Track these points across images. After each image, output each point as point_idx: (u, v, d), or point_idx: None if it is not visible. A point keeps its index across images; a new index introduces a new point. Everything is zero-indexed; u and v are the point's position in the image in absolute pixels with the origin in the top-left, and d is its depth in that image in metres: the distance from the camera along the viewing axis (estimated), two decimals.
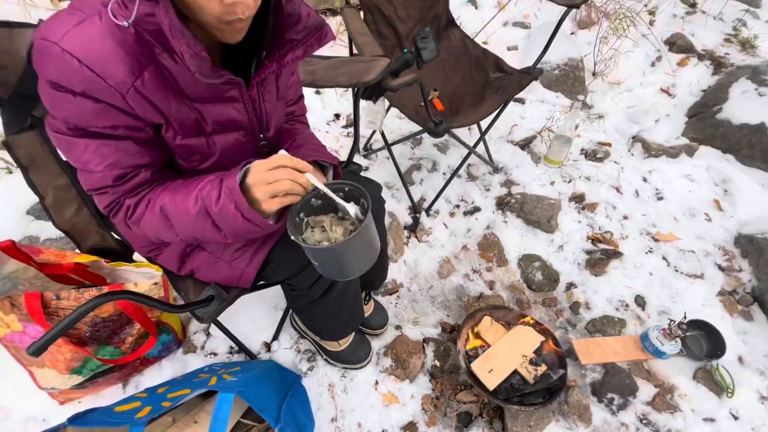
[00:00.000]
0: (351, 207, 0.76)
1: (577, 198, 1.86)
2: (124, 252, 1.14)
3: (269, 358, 1.34)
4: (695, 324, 1.41)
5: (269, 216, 0.72)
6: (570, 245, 1.70)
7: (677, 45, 2.54)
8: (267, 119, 0.84)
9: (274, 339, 1.37)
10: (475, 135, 2.07)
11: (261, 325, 1.39)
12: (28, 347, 0.67)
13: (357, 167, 1.22)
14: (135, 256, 1.16)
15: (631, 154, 2.09)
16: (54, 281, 1.11)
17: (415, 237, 1.70)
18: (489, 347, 1.30)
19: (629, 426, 1.25)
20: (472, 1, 2.73)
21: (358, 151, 2.00)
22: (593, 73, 2.44)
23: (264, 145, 0.86)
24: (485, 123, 1.65)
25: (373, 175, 1.85)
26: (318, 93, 2.23)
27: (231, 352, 1.35)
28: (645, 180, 1.96)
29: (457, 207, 1.82)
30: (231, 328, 1.19)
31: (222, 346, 1.35)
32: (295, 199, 0.71)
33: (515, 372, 1.25)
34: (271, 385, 1.07)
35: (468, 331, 1.35)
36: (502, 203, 1.83)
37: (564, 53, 2.31)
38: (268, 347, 1.36)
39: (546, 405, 1.20)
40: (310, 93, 2.19)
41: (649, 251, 1.69)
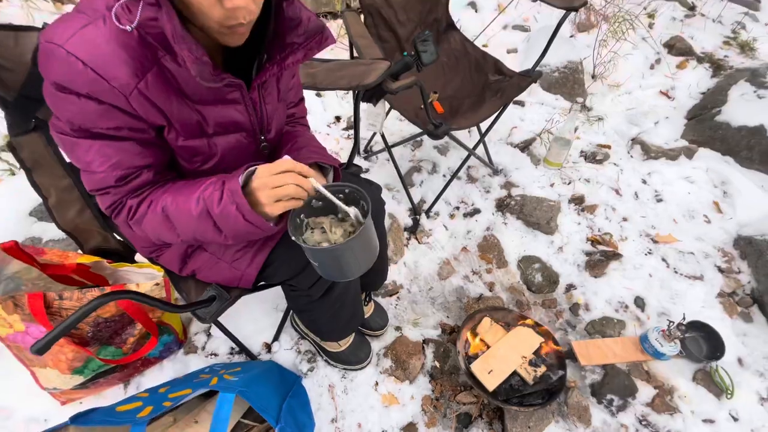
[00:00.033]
0: (351, 209, 0.77)
1: (577, 200, 1.86)
2: (126, 253, 1.15)
3: (270, 358, 1.34)
4: (695, 325, 1.42)
5: (271, 219, 0.73)
6: (569, 247, 1.70)
7: (676, 48, 2.55)
8: (268, 121, 0.85)
9: (274, 340, 1.37)
10: (475, 137, 2.06)
11: (261, 326, 1.39)
12: (32, 345, 0.68)
13: (357, 169, 1.23)
14: (137, 257, 1.17)
15: (631, 156, 2.09)
16: (56, 282, 1.11)
17: (415, 238, 1.71)
18: (489, 348, 1.31)
19: (629, 427, 1.26)
20: (472, 5, 2.75)
21: (358, 153, 2.01)
22: (592, 76, 2.45)
23: (265, 147, 0.87)
24: (485, 125, 1.66)
25: (374, 177, 1.85)
26: (319, 95, 2.24)
27: (232, 352, 1.35)
28: (644, 182, 1.97)
29: (457, 209, 1.83)
30: (232, 328, 1.20)
31: (223, 346, 1.36)
32: (299, 204, 0.72)
33: (515, 373, 1.25)
34: (272, 386, 1.07)
35: (468, 333, 1.35)
36: (501, 205, 1.83)
37: (563, 56, 2.32)
38: (268, 348, 1.36)
39: (545, 406, 1.21)
40: (310, 95, 2.20)
41: (649, 253, 1.69)
